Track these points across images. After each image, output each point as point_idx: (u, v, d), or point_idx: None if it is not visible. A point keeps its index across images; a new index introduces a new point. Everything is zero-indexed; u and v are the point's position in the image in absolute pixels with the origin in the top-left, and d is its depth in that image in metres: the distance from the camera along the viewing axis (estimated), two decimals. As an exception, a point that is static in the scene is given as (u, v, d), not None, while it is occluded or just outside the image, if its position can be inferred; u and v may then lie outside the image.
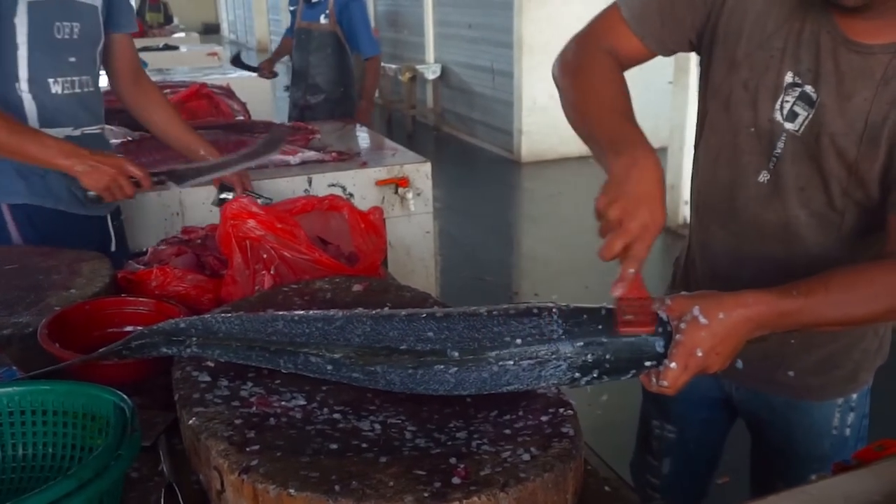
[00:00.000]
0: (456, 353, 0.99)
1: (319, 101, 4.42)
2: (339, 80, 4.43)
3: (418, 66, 9.19)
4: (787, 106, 1.17)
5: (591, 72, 1.20)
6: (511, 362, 0.98)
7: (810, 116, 1.15)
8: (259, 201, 2.10)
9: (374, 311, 1.09)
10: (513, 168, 7.30)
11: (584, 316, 0.99)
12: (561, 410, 1.01)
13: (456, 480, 0.86)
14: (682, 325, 0.97)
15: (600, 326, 0.98)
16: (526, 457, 0.91)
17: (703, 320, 0.97)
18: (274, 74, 4.90)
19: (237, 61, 5.45)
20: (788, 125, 1.17)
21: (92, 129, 1.95)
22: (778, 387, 1.37)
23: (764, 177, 1.22)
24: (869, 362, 1.37)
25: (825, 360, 1.34)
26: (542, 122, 7.22)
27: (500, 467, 0.89)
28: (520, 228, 5.95)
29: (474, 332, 1.00)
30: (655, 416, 1.58)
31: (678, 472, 1.60)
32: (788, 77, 1.16)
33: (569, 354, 0.97)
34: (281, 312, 1.13)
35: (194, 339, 1.12)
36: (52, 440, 0.96)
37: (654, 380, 0.99)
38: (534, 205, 6.37)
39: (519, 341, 0.98)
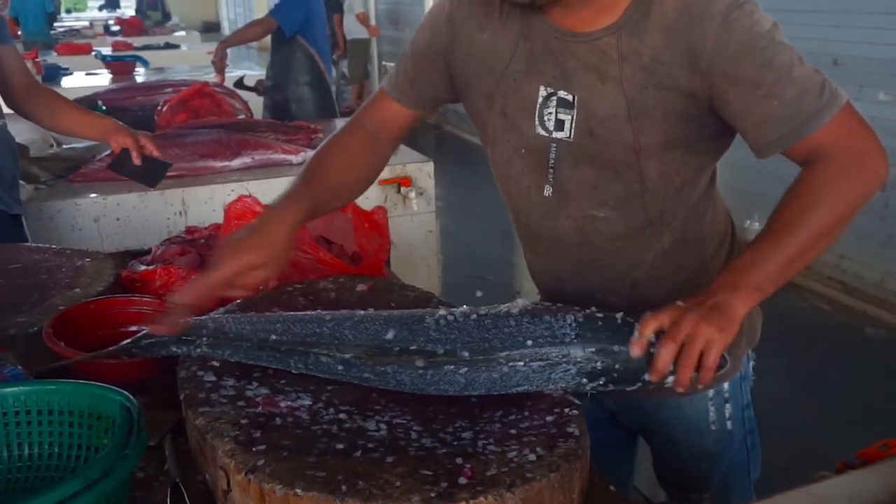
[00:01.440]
0: (466, 354, 0.99)
1: (279, 99, 4.37)
2: (289, 75, 4.37)
3: (419, 65, 9.17)
4: (552, 117, 1.19)
5: (330, 141, 1.34)
6: (521, 363, 0.98)
7: (575, 117, 1.17)
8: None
9: (385, 312, 1.09)
10: (514, 167, 7.28)
11: (599, 323, 0.99)
12: (566, 410, 1.01)
13: (462, 480, 0.86)
14: None
15: (614, 335, 0.97)
16: (532, 457, 0.91)
17: (681, 303, 1.01)
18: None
19: (240, 85, 4.69)
20: (558, 134, 1.19)
21: None
22: (643, 391, 1.36)
23: (548, 191, 1.24)
24: (728, 349, 1.35)
25: None
26: (544, 121, 7.20)
27: (507, 467, 0.89)
28: (521, 227, 5.93)
29: (485, 332, 1.00)
30: None
31: None
32: (542, 91, 1.19)
33: (579, 359, 0.97)
34: (291, 312, 1.13)
35: (204, 338, 1.12)
36: (58, 440, 0.95)
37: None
38: (535, 203, 6.33)
39: (530, 342, 0.98)
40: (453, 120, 9.14)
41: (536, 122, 1.20)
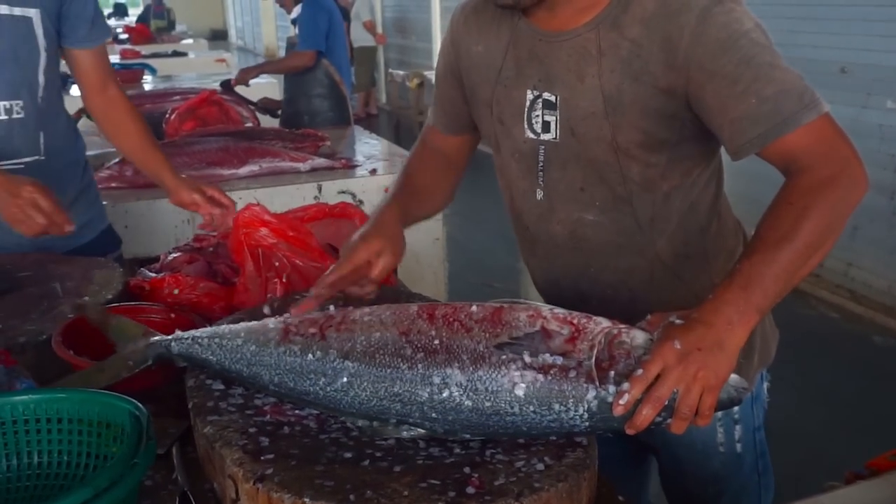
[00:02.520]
0: (467, 435, 0.96)
1: (291, 112, 4.36)
2: (303, 88, 4.36)
3: (426, 73, 9.19)
4: (539, 120, 1.22)
5: (409, 158, 1.45)
6: (524, 440, 0.96)
7: (559, 117, 1.20)
8: None
9: (372, 363, 1.00)
10: (520, 174, 7.28)
11: (614, 413, 0.91)
12: (574, 420, 1.01)
13: (470, 490, 0.86)
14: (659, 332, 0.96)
15: (625, 421, 0.91)
16: (540, 466, 0.91)
17: (678, 321, 0.95)
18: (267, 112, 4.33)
19: (227, 87, 4.36)
20: (546, 136, 1.22)
21: (7, 165, 1.68)
22: None
23: (539, 194, 1.26)
24: (737, 367, 1.31)
25: None
26: (550, 129, 7.19)
27: (514, 477, 0.89)
28: (527, 234, 5.92)
29: (484, 418, 0.93)
30: None
31: None
32: (529, 95, 1.22)
33: (584, 439, 0.96)
34: (285, 350, 1.06)
35: (210, 371, 1.12)
36: (68, 448, 0.96)
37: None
38: (541, 211, 6.33)
39: (535, 432, 0.94)
40: (460, 127, 9.15)
41: (525, 126, 1.24)
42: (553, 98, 1.19)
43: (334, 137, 3.31)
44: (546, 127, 1.21)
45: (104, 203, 2.07)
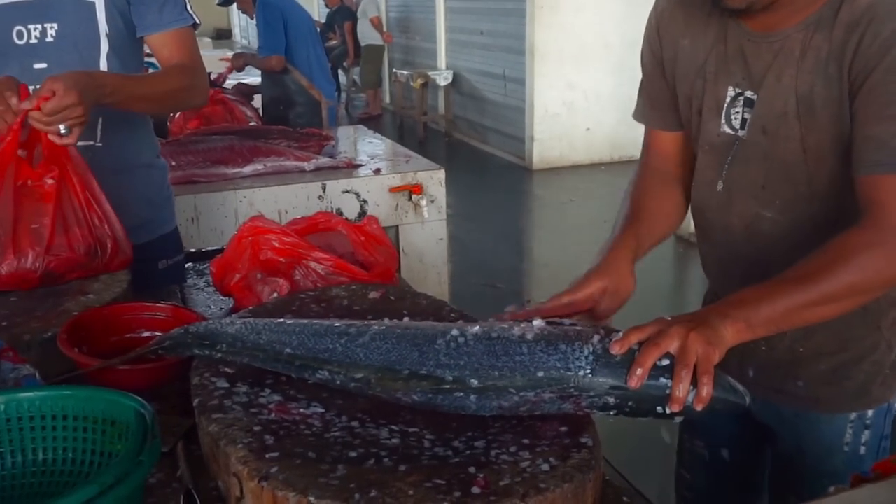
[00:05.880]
0: (475, 382, 0.98)
1: (271, 117, 4.38)
2: (274, 94, 4.37)
3: (430, 73, 9.21)
4: (738, 116, 1.25)
5: (633, 179, 1.43)
6: (532, 394, 0.96)
7: (753, 115, 1.22)
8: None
9: (397, 328, 1.08)
10: (524, 175, 7.30)
11: (617, 358, 0.96)
12: (580, 420, 1.01)
13: (475, 490, 0.86)
14: None
15: (627, 375, 0.94)
16: (545, 467, 0.91)
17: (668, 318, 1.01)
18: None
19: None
20: (741, 133, 1.25)
21: None
22: (787, 397, 1.36)
23: (719, 185, 1.30)
24: (883, 377, 1.33)
25: (834, 370, 1.32)
26: (554, 130, 7.21)
27: (520, 477, 0.89)
28: (531, 235, 5.95)
29: (495, 359, 0.98)
30: (686, 429, 1.58)
31: (710, 488, 1.57)
32: (730, 91, 1.25)
33: (591, 394, 0.95)
34: (306, 321, 1.13)
35: (224, 345, 1.13)
36: (73, 445, 0.96)
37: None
38: (545, 211, 6.36)
39: (541, 374, 0.95)
40: (463, 128, 9.16)
41: (723, 121, 1.27)
42: (754, 96, 1.22)
43: (338, 137, 3.32)
44: (744, 124, 1.24)
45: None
